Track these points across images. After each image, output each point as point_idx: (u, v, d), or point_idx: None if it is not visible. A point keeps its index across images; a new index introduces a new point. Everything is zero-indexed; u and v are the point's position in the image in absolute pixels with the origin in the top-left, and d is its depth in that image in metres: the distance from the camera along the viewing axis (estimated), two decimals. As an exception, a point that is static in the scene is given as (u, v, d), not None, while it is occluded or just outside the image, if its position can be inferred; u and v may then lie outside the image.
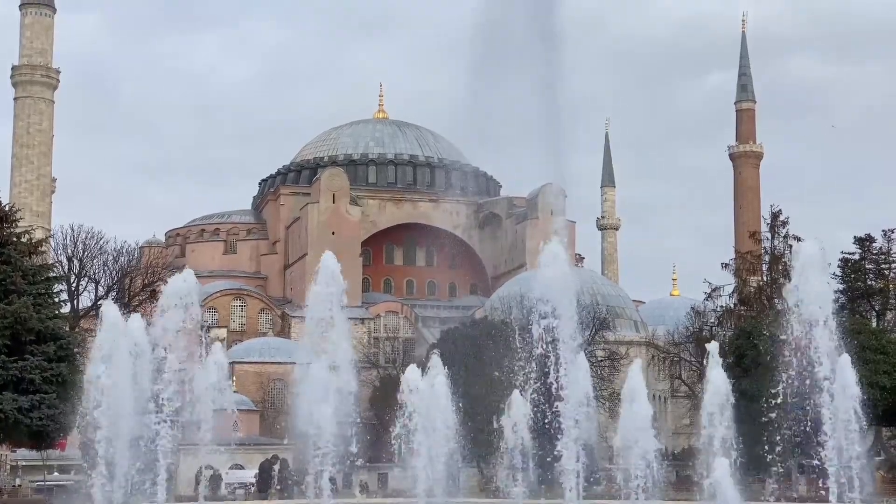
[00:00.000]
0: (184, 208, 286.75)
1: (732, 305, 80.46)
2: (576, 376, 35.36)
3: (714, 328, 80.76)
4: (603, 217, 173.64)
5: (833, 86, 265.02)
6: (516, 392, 35.76)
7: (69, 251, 79.33)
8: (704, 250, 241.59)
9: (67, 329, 57.11)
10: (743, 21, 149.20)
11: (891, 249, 77.20)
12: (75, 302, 76.39)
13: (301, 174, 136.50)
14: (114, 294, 79.45)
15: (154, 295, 76.31)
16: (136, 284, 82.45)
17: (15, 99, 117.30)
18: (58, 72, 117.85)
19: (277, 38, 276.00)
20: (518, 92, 46.10)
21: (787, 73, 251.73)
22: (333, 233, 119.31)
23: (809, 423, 34.68)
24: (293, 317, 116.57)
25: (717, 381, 34.92)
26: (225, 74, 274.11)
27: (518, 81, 46.03)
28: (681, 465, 68.46)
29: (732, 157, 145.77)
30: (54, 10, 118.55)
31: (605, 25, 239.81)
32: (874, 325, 71.04)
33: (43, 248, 61.73)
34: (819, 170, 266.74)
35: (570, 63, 43.99)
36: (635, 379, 36.33)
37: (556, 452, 34.18)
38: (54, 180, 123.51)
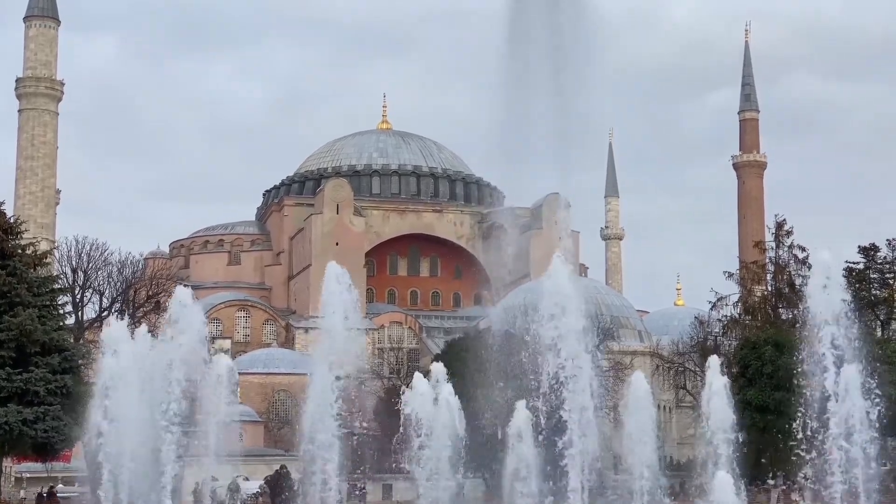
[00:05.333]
0: (188, 221, 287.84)
1: (737, 315, 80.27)
2: (581, 386, 35.39)
3: (718, 338, 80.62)
4: (607, 227, 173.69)
5: (835, 103, 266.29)
6: (521, 402, 35.77)
7: (74, 263, 79.28)
8: (709, 261, 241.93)
9: (72, 341, 57.11)
10: (746, 31, 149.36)
11: (895, 259, 77.06)
12: (80, 314, 76.30)
13: (305, 185, 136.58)
14: (118, 306, 79.42)
15: (158, 306, 76.25)
16: (140, 296, 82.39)
17: (19, 111, 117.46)
18: (62, 83, 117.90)
19: (288, 62, 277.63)
20: (526, 106, 46.43)
21: (789, 91, 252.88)
22: (337, 243, 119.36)
23: (815, 433, 34.64)
24: (297, 327, 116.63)
25: (719, 395, 35.00)
26: (237, 96, 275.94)
27: (526, 96, 46.39)
28: (686, 476, 68.34)
29: (736, 166, 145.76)
30: (58, 23, 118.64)
31: (611, 44, 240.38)
32: (879, 334, 70.92)
33: (48, 260, 61.74)
34: (822, 183, 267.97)
35: (577, 80, 44.31)
36: (639, 388, 36.37)
37: (561, 462, 34.17)
38: (58, 192, 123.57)
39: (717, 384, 36.50)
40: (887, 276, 77.03)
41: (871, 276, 76.63)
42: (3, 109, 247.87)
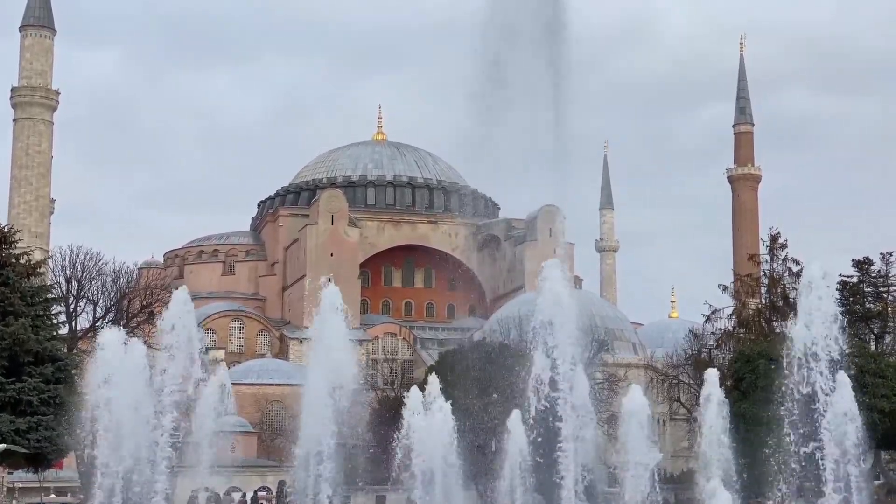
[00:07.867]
0: (183, 231, 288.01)
1: (731, 328, 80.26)
2: (575, 398, 35.40)
3: (713, 351, 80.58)
4: (601, 239, 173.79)
5: (829, 116, 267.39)
6: (515, 412, 35.76)
7: (67, 272, 79.10)
8: (703, 274, 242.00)
9: (65, 350, 57.03)
10: (741, 44, 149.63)
11: (889, 272, 77.09)
12: (73, 323, 76.13)
13: (300, 196, 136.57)
14: (112, 315, 79.24)
15: (152, 316, 76.11)
16: (134, 306, 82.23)
17: (14, 120, 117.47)
18: (57, 93, 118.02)
19: (286, 73, 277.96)
20: (522, 119, 46.69)
21: (783, 105, 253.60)
22: (332, 254, 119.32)
23: (808, 446, 34.64)
24: (291, 338, 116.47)
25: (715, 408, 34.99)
26: (233, 107, 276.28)
27: (522, 109, 46.66)
28: (680, 488, 68.27)
29: (731, 179, 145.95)
30: (54, 32, 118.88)
31: (606, 59, 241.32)
32: (873, 348, 70.93)
33: (41, 270, 61.65)
34: (816, 196, 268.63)
35: (572, 94, 44.63)
36: (635, 401, 36.39)
37: (555, 474, 34.17)
38: (53, 201, 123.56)
39: (713, 398, 36.54)
40: (881, 289, 77.07)
41: (865, 289, 76.65)
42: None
